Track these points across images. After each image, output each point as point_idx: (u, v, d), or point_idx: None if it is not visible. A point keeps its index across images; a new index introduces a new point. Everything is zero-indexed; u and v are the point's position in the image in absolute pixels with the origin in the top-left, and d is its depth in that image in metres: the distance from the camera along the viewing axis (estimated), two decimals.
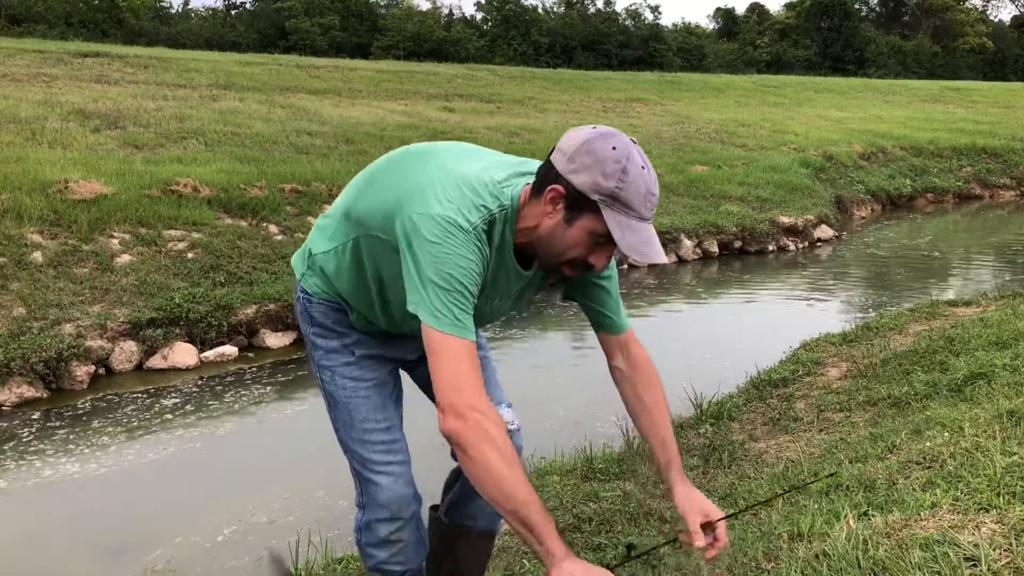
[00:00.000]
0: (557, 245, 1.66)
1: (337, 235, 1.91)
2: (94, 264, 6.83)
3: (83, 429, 5.15)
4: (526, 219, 1.70)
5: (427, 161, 1.76)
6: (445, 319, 1.58)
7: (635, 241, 1.59)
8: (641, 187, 1.58)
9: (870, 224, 14.14)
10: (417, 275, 1.60)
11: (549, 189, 1.62)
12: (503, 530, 3.15)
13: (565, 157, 1.61)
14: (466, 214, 1.63)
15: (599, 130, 1.62)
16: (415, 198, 1.66)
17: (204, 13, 44.41)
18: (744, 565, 2.20)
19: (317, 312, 2.00)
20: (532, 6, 45.67)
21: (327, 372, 2.02)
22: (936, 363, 4.41)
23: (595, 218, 1.60)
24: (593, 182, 1.57)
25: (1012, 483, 2.11)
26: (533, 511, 1.50)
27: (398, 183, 1.73)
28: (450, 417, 1.54)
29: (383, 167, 1.85)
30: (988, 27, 55.96)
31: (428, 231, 1.60)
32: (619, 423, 4.43)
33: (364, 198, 1.83)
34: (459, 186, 1.67)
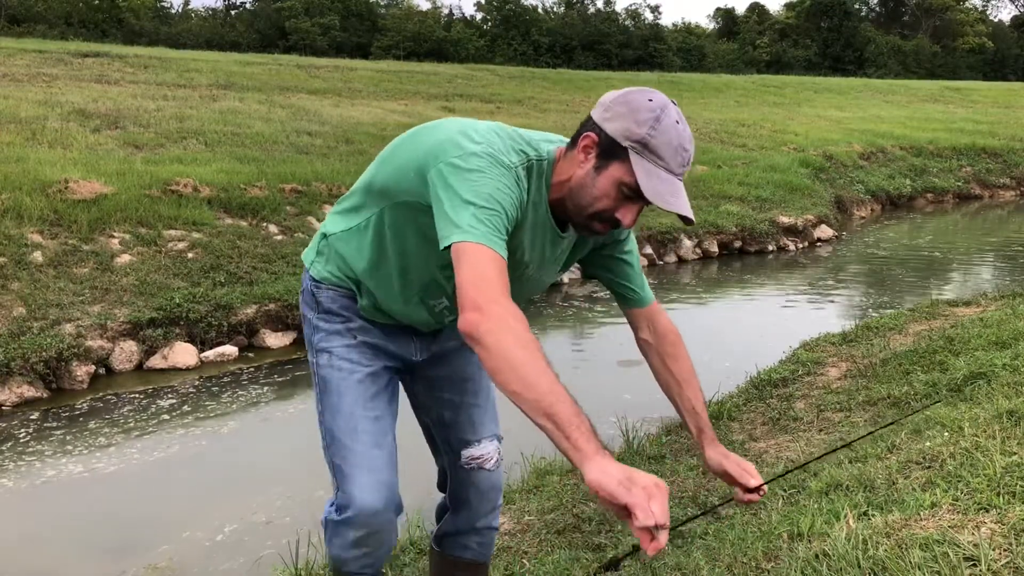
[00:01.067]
0: (586, 195, 1.63)
1: (358, 212, 1.85)
2: (94, 264, 6.83)
3: (83, 429, 5.15)
4: (560, 174, 1.68)
5: (455, 121, 1.72)
6: (475, 230, 1.48)
7: (663, 190, 1.56)
8: (673, 139, 1.56)
9: (870, 224, 14.14)
10: (451, 204, 1.52)
11: (583, 136, 1.61)
12: (503, 530, 3.15)
13: (602, 107, 1.61)
14: (505, 153, 1.61)
15: (640, 88, 1.62)
16: (449, 147, 1.61)
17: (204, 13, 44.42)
18: (744, 565, 2.20)
19: (325, 297, 1.94)
20: (532, 6, 45.70)
21: (324, 355, 1.94)
22: (936, 363, 4.41)
23: (625, 167, 1.57)
24: (625, 128, 1.56)
25: (1012, 483, 2.11)
26: (559, 401, 1.35)
27: (427, 141, 1.68)
28: (469, 311, 1.43)
29: (407, 136, 1.79)
30: (988, 27, 55.98)
31: (464, 163, 1.55)
32: (619, 423, 4.43)
33: (388, 164, 1.78)
34: (496, 132, 1.65)
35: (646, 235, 10.49)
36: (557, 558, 2.76)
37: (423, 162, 1.64)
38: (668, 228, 10.68)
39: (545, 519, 3.19)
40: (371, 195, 1.81)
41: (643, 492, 1.22)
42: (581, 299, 8.68)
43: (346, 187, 9.30)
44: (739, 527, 2.68)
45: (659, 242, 10.53)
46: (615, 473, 1.24)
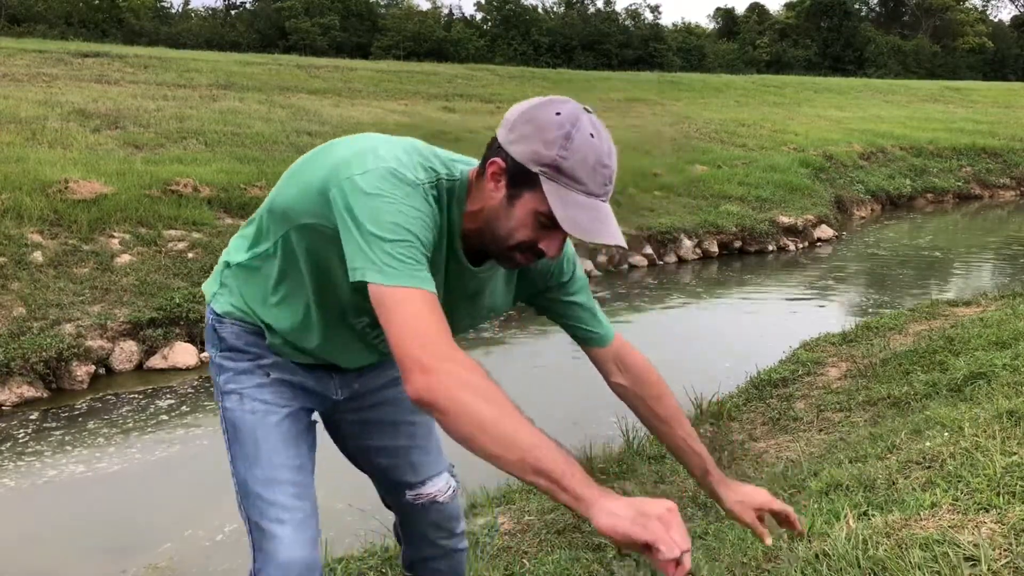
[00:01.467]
0: (502, 227, 1.44)
1: (261, 239, 1.64)
2: (94, 264, 6.83)
3: (83, 429, 5.15)
4: (473, 202, 1.49)
5: (365, 137, 1.56)
6: (393, 271, 1.32)
7: (582, 218, 1.36)
8: (589, 156, 1.36)
9: (870, 224, 14.14)
10: (358, 234, 1.35)
11: (490, 163, 1.43)
12: (503, 530, 3.15)
13: (506, 127, 1.42)
14: (412, 170, 1.42)
15: (547, 99, 1.43)
16: (351, 163, 1.43)
17: (204, 13, 44.43)
18: (744, 565, 2.20)
19: (228, 333, 1.72)
20: (532, 6, 45.70)
21: (233, 397, 1.70)
22: (936, 363, 4.41)
23: (538, 195, 1.38)
24: (532, 151, 1.37)
25: (1012, 483, 2.11)
26: (544, 453, 1.21)
27: (330, 158, 1.50)
28: (414, 375, 1.26)
29: (312, 154, 1.62)
30: (988, 27, 55.97)
31: (367, 185, 1.38)
32: (619, 423, 4.43)
33: (289, 186, 1.59)
34: (403, 147, 1.48)
35: (646, 235, 10.50)
36: (557, 558, 2.76)
37: (324, 181, 1.47)
38: (668, 228, 10.68)
39: (545, 519, 3.19)
40: (273, 217, 1.61)
41: (659, 524, 1.15)
42: None
43: None
44: (739, 527, 2.68)
45: (659, 242, 10.53)
46: (625, 513, 1.17)
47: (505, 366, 6.61)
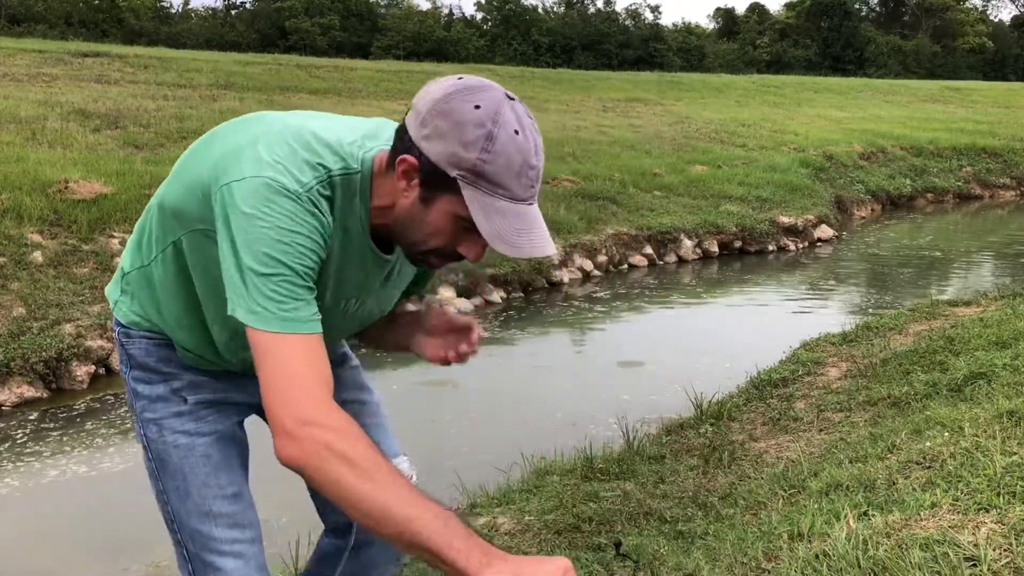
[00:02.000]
0: (416, 231, 1.31)
1: (152, 243, 1.48)
2: (94, 264, 6.83)
3: (83, 429, 5.15)
4: (380, 195, 1.34)
5: (254, 122, 1.40)
6: (265, 313, 1.21)
7: (506, 229, 1.21)
8: (514, 158, 1.20)
9: (870, 224, 14.14)
10: (234, 262, 1.24)
11: (400, 160, 1.26)
12: (503, 530, 3.15)
13: (418, 118, 1.24)
14: (294, 173, 1.26)
15: (463, 82, 1.25)
16: (230, 164, 1.29)
17: (204, 13, 44.43)
18: (744, 565, 2.20)
19: (137, 349, 1.55)
20: (532, 6, 45.71)
21: (153, 427, 1.56)
22: (936, 363, 4.41)
23: (457, 198, 1.23)
24: (449, 153, 1.20)
25: (1012, 483, 2.11)
26: (420, 526, 1.12)
27: (210, 153, 1.36)
28: (281, 440, 1.19)
29: (195, 145, 1.47)
30: (988, 27, 56.00)
31: (241, 200, 1.24)
32: (619, 424, 4.44)
33: (177, 181, 1.44)
34: (287, 141, 1.30)
35: (646, 235, 10.50)
36: None
37: (206, 184, 1.33)
38: (668, 228, 10.68)
39: (545, 519, 3.19)
40: (163, 220, 1.45)
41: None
42: (581, 299, 8.68)
43: None
44: (739, 527, 2.68)
45: (659, 242, 10.53)
46: (510, 573, 1.11)
47: (505, 366, 6.61)
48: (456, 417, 5.17)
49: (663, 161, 13.73)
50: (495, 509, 3.41)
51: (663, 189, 12.23)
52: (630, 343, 7.27)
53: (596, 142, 14.93)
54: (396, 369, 6.07)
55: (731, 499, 3.14)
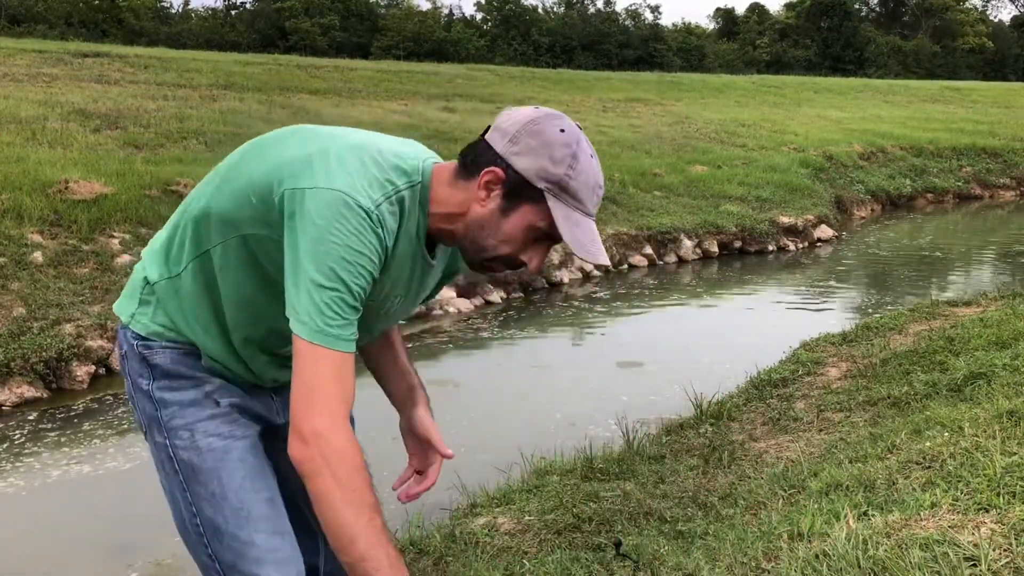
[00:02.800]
0: (489, 238, 1.42)
1: (184, 253, 1.51)
2: (94, 264, 6.84)
3: (84, 429, 5.15)
4: (441, 203, 1.44)
5: (312, 135, 1.46)
6: (312, 324, 1.31)
7: (583, 238, 1.39)
8: (590, 177, 1.39)
9: (870, 224, 14.14)
10: (294, 267, 1.32)
11: (486, 172, 1.38)
12: (503, 530, 3.15)
13: (506, 137, 1.38)
14: (367, 190, 1.35)
15: (544, 111, 1.42)
16: (300, 171, 1.36)
17: (204, 13, 44.42)
18: (744, 565, 2.20)
19: (163, 359, 1.54)
20: (532, 6, 45.72)
21: (183, 433, 1.52)
22: (936, 363, 4.41)
23: (537, 209, 1.38)
24: (539, 167, 1.36)
25: (1012, 483, 2.11)
26: (372, 566, 1.28)
27: (276, 157, 1.42)
28: (294, 440, 1.31)
29: (239, 155, 1.50)
30: (988, 27, 55.99)
31: (314, 209, 1.31)
32: (619, 424, 4.44)
33: (223, 190, 1.46)
34: (359, 156, 1.39)
35: (646, 235, 10.50)
36: (557, 558, 2.76)
37: (266, 185, 1.39)
38: (668, 228, 10.68)
39: (545, 519, 3.19)
40: (208, 226, 1.47)
41: None
42: (581, 299, 8.68)
43: None
44: (739, 527, 2.68)
45: (659, 242, 10.53)
46: None
47: (505, 366, 6.61)
48: (456, 417, 5.17)
49: (663, 161, 13.73)
50: (495, 509, 3.41)
51: (663, 189, 12.24)
52: (630, 343, 7.27)
53: (596, 142, 14.75)
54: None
55: (731, 499, 3.14)
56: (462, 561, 2.89)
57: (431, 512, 3.65)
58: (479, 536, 3.08)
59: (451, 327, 7.36)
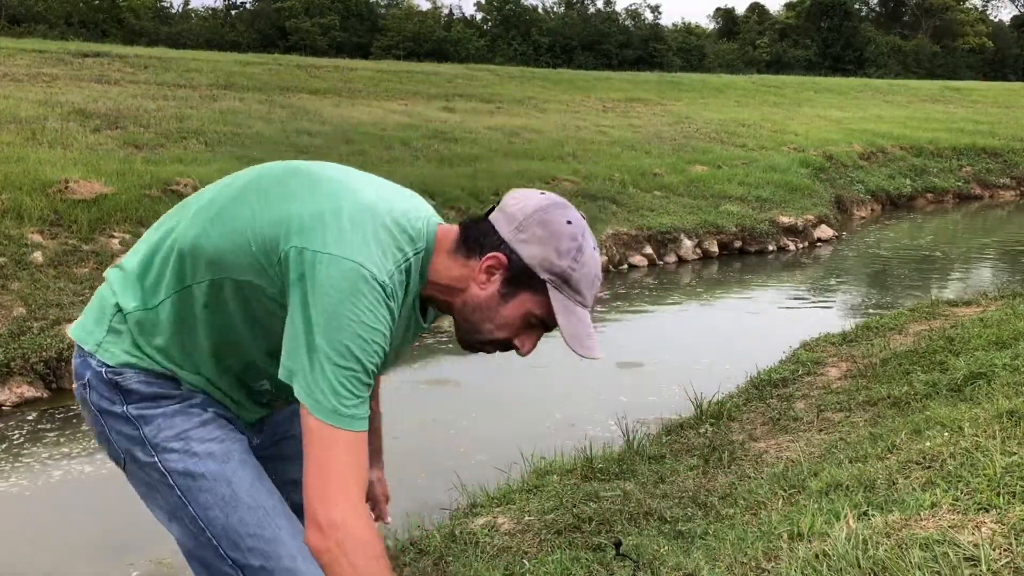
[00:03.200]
0: (486, 322, 1.41)
1: (163, 285, 1.42)
2: (94, 264, 6.83)
3: (83, 429, 5.15)
4: (440, 273, 1.42)
5: (318, 183, 1.40)
6: (327, 404, 1.26)
7: (580, 331, 1.39)
8: (592, 270, 1.39)
9: (870, 224, 14.14)
10: (304, 336, 1.27)
11: (489, 256, 1.37)
12: (503, 530, 3.15)
13: (513, 223, 1.37)
14: (381, 260, 1.31)
15: (551, 198, 1.40)
16: (311, 229, 1.30)
17: (204, 13, 44.42)
18: (744, 565, 2.20)
19: (136, 384, 1.44)
20: (532, 6, 45.71)
21: (174, 444, 1.44)
22: (936, 363, 4.41)
23: (536, 298, 1.38)
24: (544, 257, 1.35)
25: (1012, 483, 2.11)
26: None
27: (282, 207, 1.35)
28: (311, 530, 1.27)
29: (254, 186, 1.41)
30: (988, 27, 56.00)
31: (328, 279, 1.27)
32: (618, 424, 4.44)
33: (216, 227, 1.38)
34: (372, 220, 1.34)
35: (646, 235, 10.49)
36: (557, 558, 2.76)
37: (271, 236, 1.33)
38: (668, 228, 10.68)
39: (545, 519, 3.19)
40: (187, 263, 1.40)
41: None
42: None
43: None
44: (739, 527, 2.68)
45: (659, 242, 10.53)
46: None
47: (505, 366, 6.60)
48: (456, 417, 5.17)
49: (663, 161, 13.73)
50: (495, 509, 3.41)
51: (663, 189, 12.23)
52: (630, 343, 7.27)
53: (596, 142, 14.93)
54: (395, 368, 6.07)
55: (731, 499, 3.14)
56: (462, 561, 2.89)
57: (431, 512, 3.65)
58: (479, 536, 3.08)
59: (451, 327, 7.35)
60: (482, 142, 13.55)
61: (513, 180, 10.90)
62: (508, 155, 12.78)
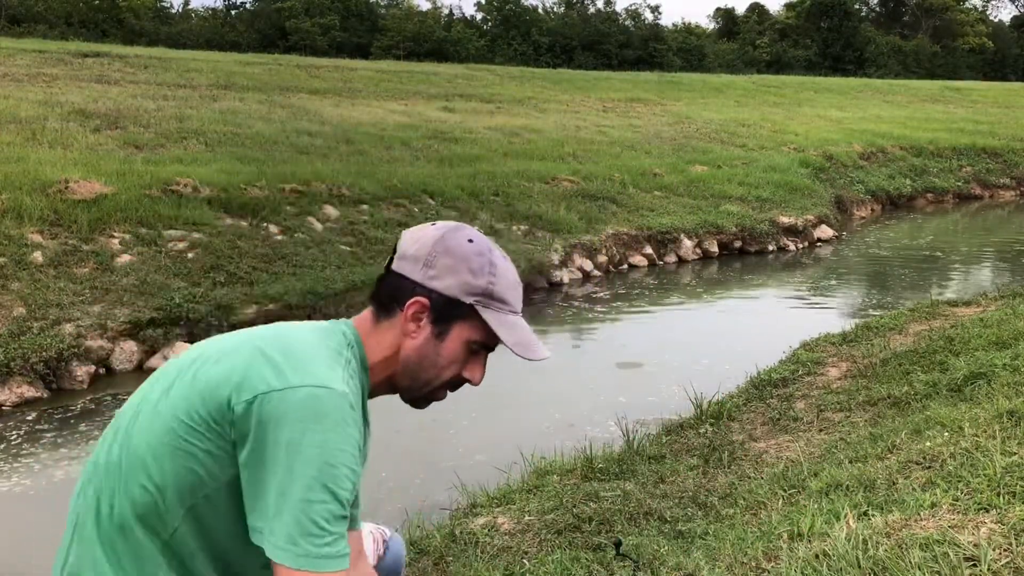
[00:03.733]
0: (430, 368, 1.38)
1: (147, 552, 1.26)
2: (94, 264, 6.83)
3: (83, 429, 5.15)
4: (375, 352, 1.37)
5: (234, 344, 1.31)
6: (297, 550, 1.15)
7: (523, 338, 1.38)
8: (510, 277, 1.38)
9: (870, 224, 14.14)
10: (265, 484, 1.17)
11: (410, 304, 1.34)
12: (503, 530, 3.15)
13: (419, 263, 1.35)
14: (329, 372, 1.24)
15: (445, 225, 1.39)
16: (252, 377, 1.21)
17: (204, 13, 44.41)
18: (744, 565, 2.20)
19: None
20: (532, 6, 45.69)
21: None
22: (936, 363, 4.41)
23: (470, 324, 1.36)
24: (462, 283, 1.34)
25: (1012, 483, 2.11)
26: None
27: (207, 380, 1.25)
28: None
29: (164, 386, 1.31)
30: (988, 27, 55.98)
31: (283, 416, 1.17)
32: (618, 424, 4.43)
33: (152, 465, 1.24)
34: (302, 342, 1.28)
35: (646, 235, 10.49)
36: (557, 558, 2.76)
37: (217, 409, 1.22)
38: (668, 228, 10.68)
39: (545, 519, 3.19)
40: (138, 527, 1.25)
41: None
42: (581, 299, 8.68)
43: (346, 187, 9.30)
44: (739, 527, 2.68)
45: (659, 242, 10.53)
46: None
47: (504, 366, 6.60)
48: (456, 417, 5.17)
49: (663, 161, 13.73)
50: (495, 509, 3.40)
51: (663, 189, 12.23)
52: (630, 343, 7.27)
53: (596, 142, 14.93)
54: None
55: (731, 499, 3.14)
56: (462, 561, 2.89)
57: (431, 512, 3.65)
58: (479, 536, 3.08)
59: None
60: (482, 142, 13.55)
61: (513, 180, 10.90)
62: (508, 155, 12.78)
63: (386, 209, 9.22)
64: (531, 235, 9.68)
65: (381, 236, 8.54)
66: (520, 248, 9.13)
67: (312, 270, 7.54)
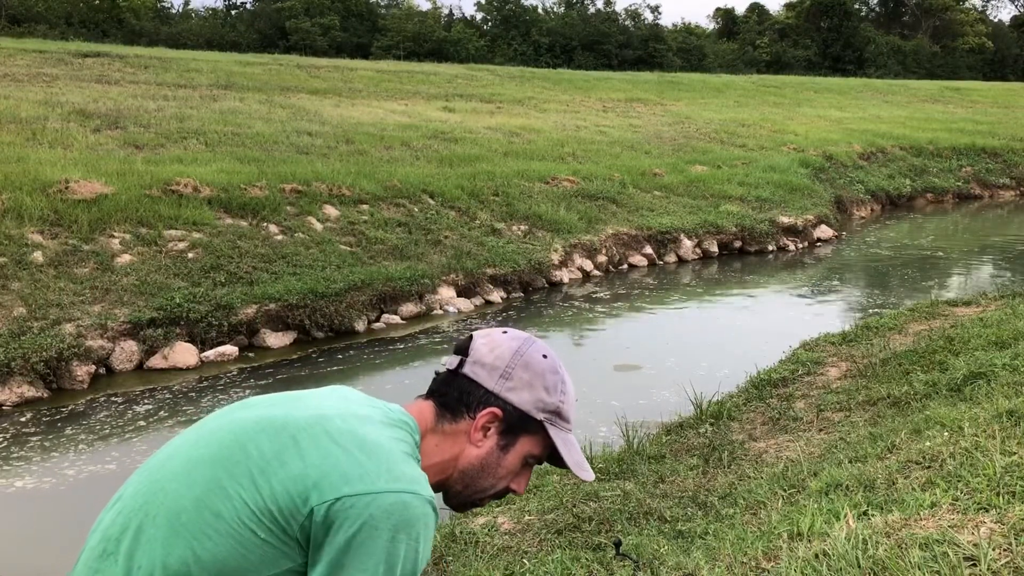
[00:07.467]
0: (488, 478, 1.34)
1: None
2: (94, 264, 6.83)
3: (83, 429, 5.15)
4: (431, 455, 1.31)
5: (300, 424, 1.21)
6: None
7: (580, 458, 1.36)
8: (572, 396, 1.38)
9: (870, 224, 14.14)
10: None
11: (484, 413, 1.31)
12: (503, 529, 3.15)
13: (496, 373, 1.32)
14: (413, 472, 1.19)
15: (520, 336, 1.37)
16: (331, 474, 1.14)
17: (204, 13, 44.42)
18: (744, 565, 2.20)
19: None
20: (532, 6, 45.69)
21: None
22: (936, 363, 4.41)
23: (535, 439, 1.34)
24: (536, 399, 1.33)
25: (1012, 483, 2.11)
26: None
27: (282, 465, 1.16)
28: None
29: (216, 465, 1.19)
30: (988, 27, 55.97)
31: (378, 519, 1.12)
32: (618, 424, 4.44)
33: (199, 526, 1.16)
34: (376, 434, 1.22)
35: (646, 235, 10.49)
36: (557, 558, 2.76)
37: (296, 495, 1.14)
38: (668, 228, 10.68)
39: (545, 519, 3.19)
40: None
41: None
42: (581, 299, 8.68)
43: (346, 187, 9.29)
44: (739, 527, 2.68)
45: (659, 242, 10.53)
46: None
47: None
48: None
49: (663, 161, 13.73)
50: (495, 509, 3.41)
51: (663, 189, 12.24)
52: (630, 343, 7.27)
53: (596, 142, 14.93)
54: (395, 368, 6.07)
55: (731, 499, 3.14)
56: (462, 561, 2.89)
57: None
58: (479, 536, 3.08)
59: (450, 327, 7.36)
60: (482, 142, 13.54)
61: (513, 180, 10.90)
62: (508, 155, 12.78)
63: (386, 209, 9.22)
64: (531, 235, 9.68)
65: (381, 236, 8.54)
66: (520, 248, 9.13)
67: (312, 270, 7.54)
